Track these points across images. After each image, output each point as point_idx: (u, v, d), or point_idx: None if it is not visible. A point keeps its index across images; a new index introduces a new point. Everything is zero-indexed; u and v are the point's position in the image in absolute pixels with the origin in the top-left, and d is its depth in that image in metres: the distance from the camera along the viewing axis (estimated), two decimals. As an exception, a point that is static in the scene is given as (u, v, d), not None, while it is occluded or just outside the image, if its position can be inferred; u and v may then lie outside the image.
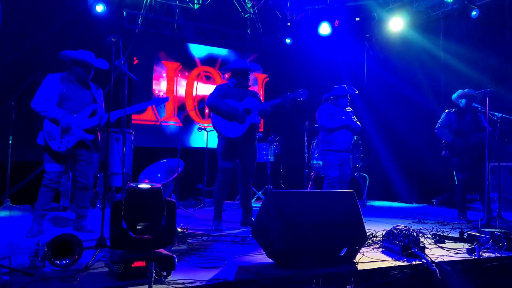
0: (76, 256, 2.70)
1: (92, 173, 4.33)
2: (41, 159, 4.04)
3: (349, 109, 5.60)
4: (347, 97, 5.56)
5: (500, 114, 5.14)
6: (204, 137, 6.74)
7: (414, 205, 7.78)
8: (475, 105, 5.45)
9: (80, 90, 4.12)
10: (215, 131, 4.62)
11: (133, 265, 2.44)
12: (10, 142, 5.89)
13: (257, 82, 8.87)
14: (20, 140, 6.05)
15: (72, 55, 4.05)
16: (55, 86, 3.98)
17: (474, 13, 6.84)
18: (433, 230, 4.25)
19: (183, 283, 2.42)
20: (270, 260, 2.96)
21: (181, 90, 8.20)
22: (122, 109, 3.71)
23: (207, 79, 8.44)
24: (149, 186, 2.71)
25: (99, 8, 7.05)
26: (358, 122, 5.57)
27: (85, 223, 4.18)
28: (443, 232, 4.24)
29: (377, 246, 3.54)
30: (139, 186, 2.70)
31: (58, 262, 2.65)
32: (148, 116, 7.86)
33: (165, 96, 7.88)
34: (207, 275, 2.59)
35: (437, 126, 5.74)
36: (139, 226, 2.63)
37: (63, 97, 3.99)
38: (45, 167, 4.01)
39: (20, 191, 6.30)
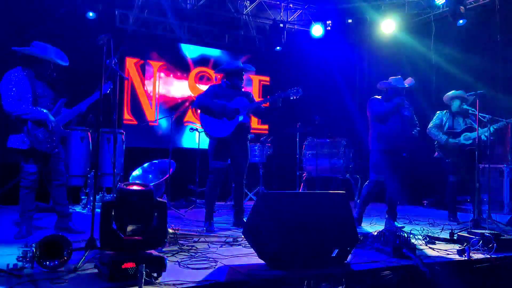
0: (65, 257, 2.67)
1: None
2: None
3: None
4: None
5: (490, 116, 5.19)
6: (196, 137, 6.71)
7: (405, 206, 7.81)
8: (466, 107, 5.49)
9: (46, 86, 3.98)
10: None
11: (123, 266, 2.42)
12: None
13: (251, 83, 8.85)
14: (6, 140, 5.97)
15: (25, 51, 3.80)
16: (25, 85, 3.76)
17: (463, 16, 6.85)
18: (423, 231, 4.27)
19: (174, 284, 2.40)
20: (261, 261, 2.95)
21: (174, 90, 8.16)
22: (82, 102, 4.03)
23: (201, 79, 8.41)
24: (140, 187, 2.68)
25: (90, 8, 6.97)
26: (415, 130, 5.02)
27: (71, 223, 4.11)
28: (433, 233, 4.26)
29: (369, 247, 3.54)
30: (129, 187, 2.67)
31: (46, 263, 2.61)
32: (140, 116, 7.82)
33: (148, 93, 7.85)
34: (198, 276, 2.58)
35: (429, 126, 5.77)
36: (129, 227, 2.61)
37: (36, 95, 3.82)
38: (25, 168, 3.84)
39: (8, 191, 6.22)
